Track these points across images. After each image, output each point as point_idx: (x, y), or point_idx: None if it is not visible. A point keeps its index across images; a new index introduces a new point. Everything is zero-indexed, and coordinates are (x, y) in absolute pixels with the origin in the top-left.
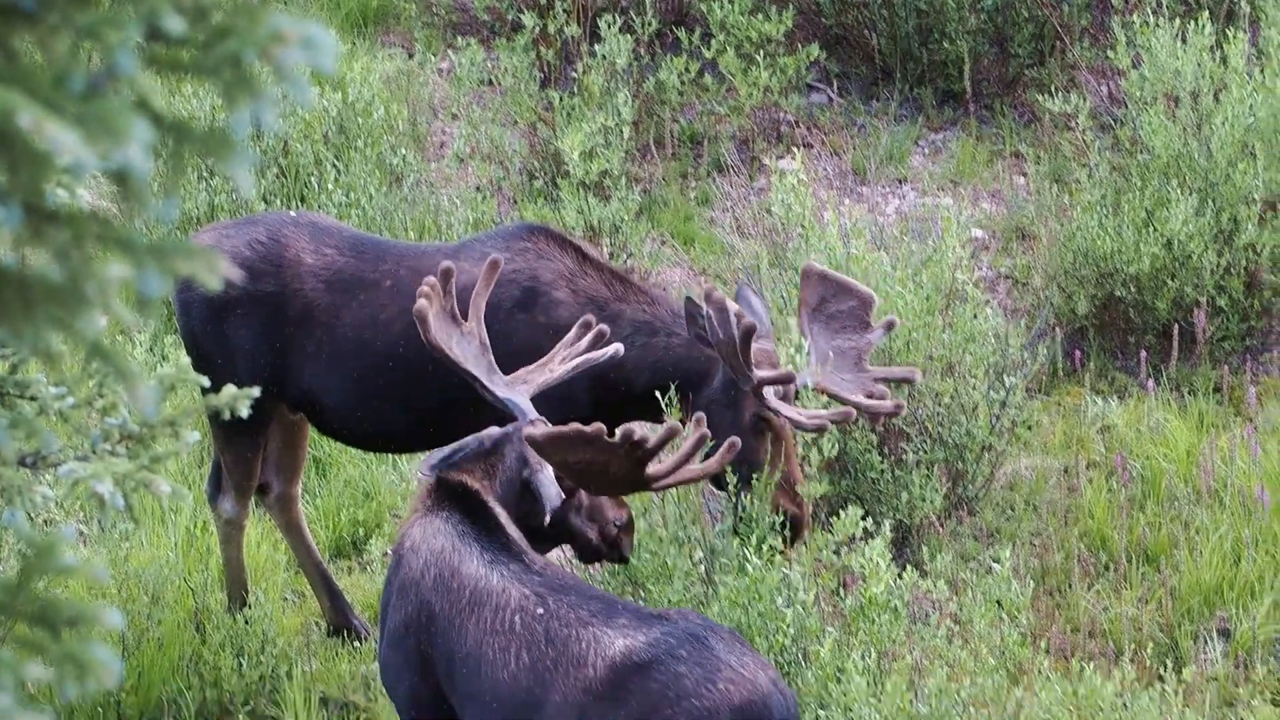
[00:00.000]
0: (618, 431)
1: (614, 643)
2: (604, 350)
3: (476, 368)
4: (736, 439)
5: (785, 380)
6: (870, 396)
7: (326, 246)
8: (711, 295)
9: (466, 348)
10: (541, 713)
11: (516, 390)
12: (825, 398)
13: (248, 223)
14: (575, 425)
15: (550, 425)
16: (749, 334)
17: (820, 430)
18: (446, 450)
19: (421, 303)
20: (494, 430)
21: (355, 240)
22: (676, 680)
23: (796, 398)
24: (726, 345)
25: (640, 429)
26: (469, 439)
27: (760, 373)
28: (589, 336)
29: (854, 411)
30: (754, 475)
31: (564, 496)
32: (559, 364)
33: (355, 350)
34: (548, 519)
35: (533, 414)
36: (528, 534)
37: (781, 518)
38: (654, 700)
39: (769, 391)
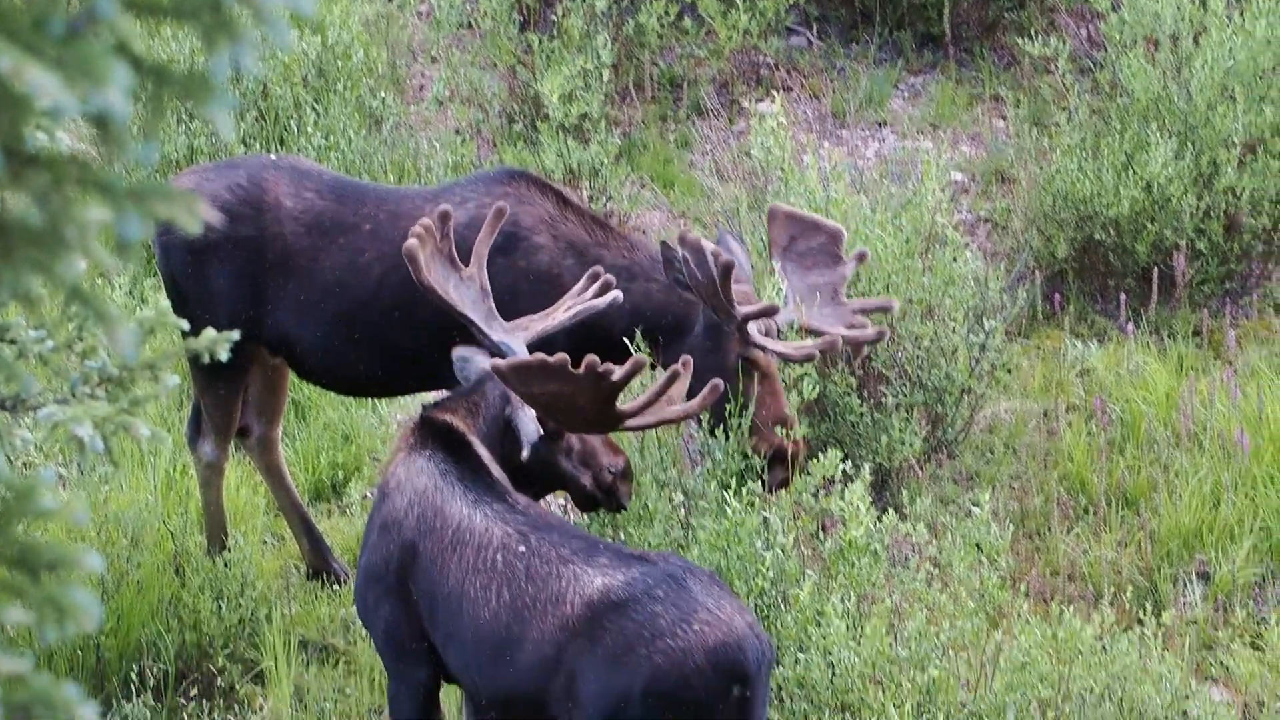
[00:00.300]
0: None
1: (593, 581)
2: (604, 297)
3: (475, 313)
4: (719, 381)
5: (769, 312)
6: (851, 327)
7: (306, 190)
8: (686, 238)
9: (465, 292)
10: (519, 649)
11: (514, 335)
12: (808, 335)
13: (228, 166)
14: (539, 355)
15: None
16: (728, 271)
17: (809, 359)
18: (465, 355)
19: (412, 242)
20: (481, 366)
21: (335, 184)
22: (652, 620)
23: (779, 335)
24: (707, 286)
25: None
26: (478, 361)
27: (744, 308)
28: (596, 286)
29: (839, 339)
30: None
31: (543, 433)
32: (562, 312)
33: (334, 294)
34: (526, 454)
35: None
36: (515, 476)
37: (763, 458)
38: (629, 639)
39: (754, 329)
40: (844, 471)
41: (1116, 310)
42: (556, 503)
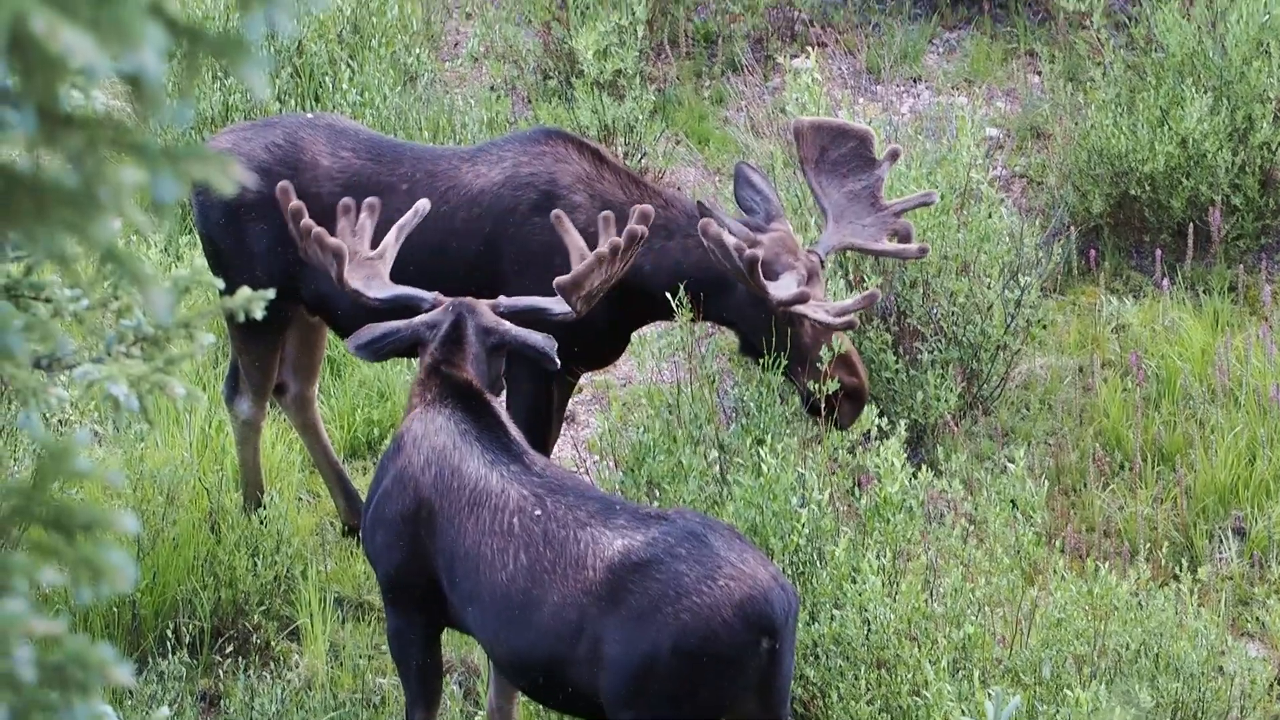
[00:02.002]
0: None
1: (612, 543)
2: (415, 211)
3: (357, 281)
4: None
5: (800, 300)
6: (895, 234)
7: (343, 149)
8: (708, 231)
9: (358, 271)
10: (538, 613)
11: (384, 282)
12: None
13: (265, 125)
14: (598, 252)
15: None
16: (753, 266)
17: (850, 327)
18: (378, 331)
19: (336, 243)
20: (428, 317)
21: (372, 143)
22: (677, 578)
23: (823, 265)
24: (737, 274)
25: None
26: (400, 324)
27: (777, 294)
28: (364, 216)
29: (878, 293)
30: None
31: (554, 341)
32: (394, 241)
33: None
34: (558, 365)
35: (430, 294)
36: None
37: (837, 388)
38: (654, 599)
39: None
40: (879, 428)
41: (1152, 266)
42: (564, 454)
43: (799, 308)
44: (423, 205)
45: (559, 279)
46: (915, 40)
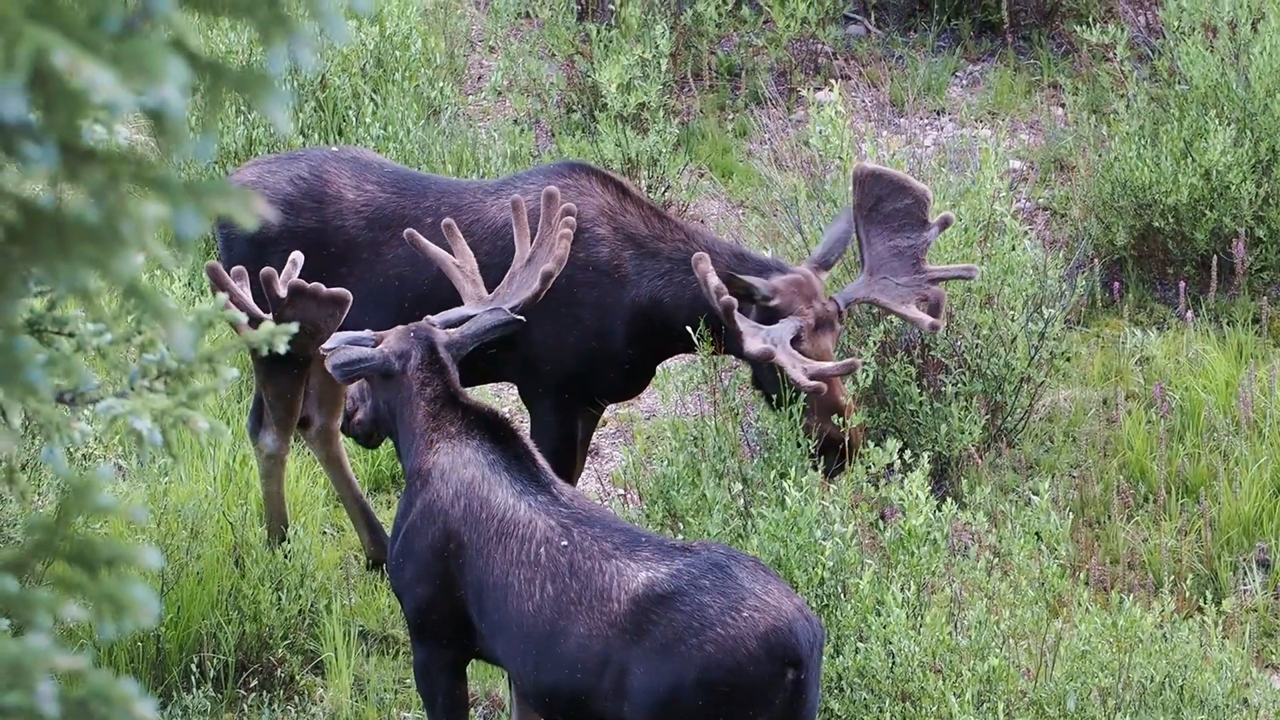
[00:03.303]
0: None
1: (637, 575)
2: (292, 262)
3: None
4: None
5: (765, 357)
6: (925, 300)
7: (368, 183)
8: (697, 266)
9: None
10: (564, 644)
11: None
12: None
13: (290, 158)
14: (563, 234)
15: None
16: (729, 311)
17: (815, 392)
18: (352, 355)
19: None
20: (394, 346)
21: (397, 176)
22: (701, 610)
23: (841, 317)
24: (719, 315)
25: None
26: (371, 352)
27: (748, 345)
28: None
29: (858, 363)
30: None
31: (503, 311)
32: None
33: (395, 287)
34: (523, 319)
35: (366, 332)
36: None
37: (814, 440)
38: (679, 631)
39: (787, 333)
40: (903, 460)
41: (1176, 298)
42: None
43: (775, 361)
44: (298, 256)
45: (545, 267)
46: (939, 73)
